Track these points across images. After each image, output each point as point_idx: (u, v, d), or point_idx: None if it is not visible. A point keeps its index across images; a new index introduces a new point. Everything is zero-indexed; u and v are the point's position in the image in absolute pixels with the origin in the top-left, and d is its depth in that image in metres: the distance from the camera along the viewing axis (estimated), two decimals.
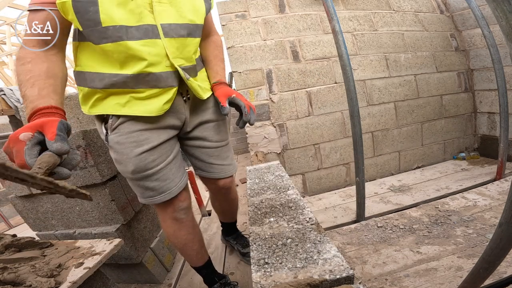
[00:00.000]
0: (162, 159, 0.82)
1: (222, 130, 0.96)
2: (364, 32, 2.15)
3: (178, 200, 0.87)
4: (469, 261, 1.10)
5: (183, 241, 0.94)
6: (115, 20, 0.67)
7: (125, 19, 0.68)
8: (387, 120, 2.21)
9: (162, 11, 0.73)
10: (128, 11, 0.68)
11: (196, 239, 0.98)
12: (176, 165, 0.87)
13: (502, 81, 1.68)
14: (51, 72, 0.66)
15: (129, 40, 0.68)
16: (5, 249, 0.82)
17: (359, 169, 1.49)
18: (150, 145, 0.79)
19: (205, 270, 1.05)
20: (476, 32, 2.18)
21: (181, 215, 0.90)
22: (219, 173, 0.98)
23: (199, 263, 1.02)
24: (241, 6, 2.01)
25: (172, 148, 0.86)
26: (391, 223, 1.50)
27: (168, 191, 0.84)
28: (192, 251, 0.98)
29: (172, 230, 0.92)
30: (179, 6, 0.75)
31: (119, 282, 1.34)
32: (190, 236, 0.95)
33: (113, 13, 0.66)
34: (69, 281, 0.69)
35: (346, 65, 1.37)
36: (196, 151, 0.94)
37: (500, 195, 1.59)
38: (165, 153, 0.83)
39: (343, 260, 0.61)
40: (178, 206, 0.88)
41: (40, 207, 1.18)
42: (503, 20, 0.50)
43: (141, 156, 0.78)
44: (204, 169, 0.98)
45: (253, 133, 2.03)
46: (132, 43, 0.69)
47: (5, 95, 2.31)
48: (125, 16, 0.68)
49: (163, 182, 0.82)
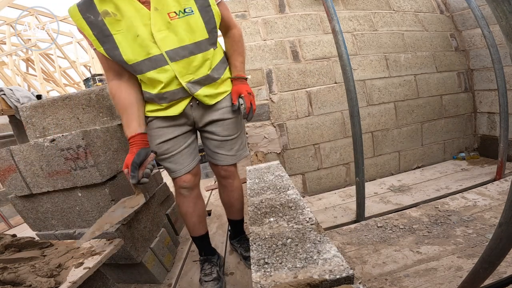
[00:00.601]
0: (174, 148, 1.05)
1: (230, 127, 1.10)
2: (364, 32, 2.15)
3: (182, 180, 1.09)
4: (469, 261, 1.10)
5: (184, 211, 1.17)
6: (136, 58, 0.86)
7: (138, 54, 0.86)
8: (387, 120, 2.21)
9: (163, 38, 0.86)
10: (138, 47, 0.85)
11: (195, 214, 1.18)
12: (187, 154, 1.08)
13: (502, 81, 1.68)
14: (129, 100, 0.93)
15: (148, 72, 0.89)
16: (5, 249, 0.82)
17: (359, 169, 1.49)
18: (165, 137, 1.03)
19: (198, 241, 1.25)
20: (476, 32, 2.18)
21: (184, 192, 1.12)
22: (221, 161, 1.15)
23: (194, 233, 1.23)
24: (241, 6, 2.01)
25: (185, 140, 1.07)
26: (391, 223, 1.50)
27: (176, 171, 1.07)
28: (190, 222, 1.19)
29: (178, 202, 1.17)
30: (177, 30, 0.87)
31: (119, 282, 1.34)
32: (190, 209, 1.16)
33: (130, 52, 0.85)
34: (69, 281, 0.69)
35: (346, 65, 1.37)
36: (206, 141, 1.15)
37: (500, 195, 1.59)
38: (177, 144, 1.05)
39: (343, 260, 0.61)
40: (181, 184, 1.10)
41: (40, 207, 1.18)
42: (503, 20, 0.50)
43: (159, 145, 1.03)
44: (211, 156, 1.17)
45: (253, 133, 2.03)
46: (150, 73, 0.89)
47: (5, 95, 2.30)
48: (138, 52, 0.86)
49: (174, 164, 1.07)
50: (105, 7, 0.81)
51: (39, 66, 5.60)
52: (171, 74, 0.90)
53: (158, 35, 0.85)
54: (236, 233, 1.40)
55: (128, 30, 0.83)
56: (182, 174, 1.08)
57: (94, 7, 0.81)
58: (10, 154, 1.08)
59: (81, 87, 6.84)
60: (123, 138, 1.30)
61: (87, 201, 1.11)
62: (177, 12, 0.86)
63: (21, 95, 2.38)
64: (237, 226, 1.38)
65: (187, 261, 1.48)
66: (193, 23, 0.88)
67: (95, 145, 1.06)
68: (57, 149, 1.03)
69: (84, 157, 1.03)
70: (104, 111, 1.25)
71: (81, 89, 4.33)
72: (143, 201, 0.91)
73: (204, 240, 1.26)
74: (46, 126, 1.25)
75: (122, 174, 1.22)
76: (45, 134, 1.25)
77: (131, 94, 0.94)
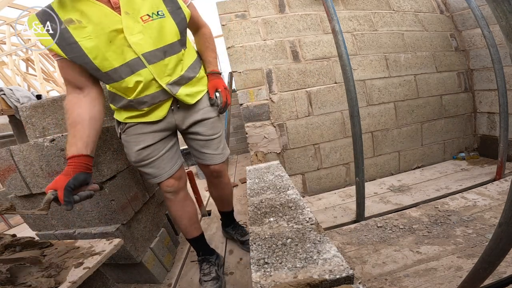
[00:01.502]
0: (155, 154, 1.05)
1: (214, 126, 1.12)
2: (364, 32, 2.15)
3: (165, 184, 1.10)
4: (468, 261, 1.10)
5: (173, 215, 1.19)
6: (111, 64, 0.84)
7: (114, 59, 0.83)
8: (387, 120, 2.21)
9: (138, 42, 0.84)
10: (113, 53, 0.83)
11: (185, 217, 1.19)
12: (167, 158, 1.09)
13: (502, 81, 1.68)
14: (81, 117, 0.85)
15: (125, 77, 0.87)
16: (4, 249, 0.82)
17: (359, 169, 1.49)
18: (144, 144, 1.02)
19: (193, 243, 1.27)
20: (476, 32, 2.18)
21: (170, 196, 1.14)
22: (210, 160, 1.17)
23: (187, 236, 1.25)
24: (241, 6, 2.01)
25: (165, 145, 1.07)
26: (391, 223, 1.50)
27: (159, 176, 1.08)
28: (182, 225, 1.21)
29: (167, 204, 1.19)
30: (151, 32, 0.86)
31: (118, 282, 1.34)
32: (179, 213, 1.18)
33: (104, 59, 0.82)
34: (68, 281, 0.69)
35: (346, 65, 1.37)
36: (191, 142, 1.15)
37: (499, 195, 1.59)
38: (158, 149, 1.05)
39: (343, 260, 0.61)
40: (165, 188, 1.11)
41: (39, 206, 1.18)
42: (503, 20, 0.50)
43: (138, 151, 1.03)
44: (198, 157, 1.18)
45: (253, 133, 2.03)
46: (128, 78, 0.87)
47: (5, 95, 2.30)
48: (113, 58, 0.83)
49: (156, 169, 1.07)
50: (68, 15, 0.79)
51: (39, 66, 5.60)
52: (148, 77, 0.89)
53: (132, 38, 0.83)
54: (228, 222, 1.53)
55: (98, 37, 0.80)
56: (164, 179, 1.09)
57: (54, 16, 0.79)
58: (10, 154, 1.08)
59: None
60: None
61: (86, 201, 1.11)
62: (150, 15, 0.86)
63: (21, 95, 2.38)
64: (229, 216, 1.51)
65: (187, 261, 1.48)
66: (166, 25, 0.89)
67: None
68: (57, 149, 1.03)
69: None
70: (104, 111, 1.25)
71: None
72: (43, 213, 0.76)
73: (199, 241, 1.27)
74: (46, 126, 1.25)
75: (122, 174, 1.22)
76: (45, 134, 1.25)
77: (85, 111, 0.86)
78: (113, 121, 1.25)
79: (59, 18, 0.79)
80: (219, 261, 1.31)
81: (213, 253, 1.30)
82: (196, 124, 1.08)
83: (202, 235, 1.29)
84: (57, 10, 0.79)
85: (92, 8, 0.80)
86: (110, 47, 0.82)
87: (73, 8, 0.80)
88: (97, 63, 0.82)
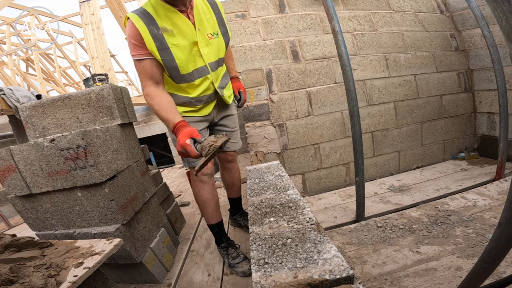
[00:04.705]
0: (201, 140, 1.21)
1: (235, 121, 1.41)
2: (364, 32, 2.15)
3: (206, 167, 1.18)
4: (468, 261, 1.10)
5: (204, 198, 1.30)
6: (189, 68, 1.08)
7: (191, 65, 1.07)
8: (386, 120, 2.21)
9: (207, 53, 1.10)
10: (190, 60, 1.07)
11: (214, 200, 1.32)
12: None
13: (502, 81, 1.68)
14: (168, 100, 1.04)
15: (195, 80, 1.12)
16: (5, 249, 0.82)
17: (359, 169, 1.49)
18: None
19: (217, 228, 1.37)
20: (476, 32, 2.18)
21: (206, 178, 1.27)
22: (230, 147, 1.40)
23: (213, 220, 1.34)
24: (241, 6, 2.01)
25: (204, 134, 1.28)
26: (391, 223, 1.50)
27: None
28: (210, 208, 1.32)
29: (198, 189, 1.30)
30: (212, 47, 1.12)
31: (118, 282, 1.34)
32: (210, 196, 1.30)
33: (185, 64, 1.06)
34: (68, 281, 0.69)
35: (346, 65, 1.37)
36: (218, 133, 1.30)
37: (499, 195, 1.59)
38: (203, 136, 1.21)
39: (343, 260, 0.61)
40: (205, 171, 1.24)
41: (39, 207, 1.17)
42: (503, 20, 0.50)
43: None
44: None
45: (253, 133, 2.03)
46: (197, 81, 1.12)
47: (4, 95, 2.30)
48: (191, 63, 1.07)
49: None
50: (164, 23, 0.98)
51: (39, 66, 5.59)
52: (210, 81, 1.16)
53: (203, 50, 1.08)
54: (237, 210, 1.68)
55: (184, 45, 1.03)
56: None
57: (154, 21, 0.97)
58: (10, 154, 1.08)
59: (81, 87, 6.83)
60: (123, 138, 1.30)
61: (86, 201, 1.11)
62: (212, 34, 1.11)
63: (20, 95, 2.38)
64: (237, 203, 1.66)
65: (187, 261, 1.48)
66: (220, 43, 1.15)
67: (94, 145, 1.06)
68: (56, 149, 1.03)
69: (84, 157, 1.03)
70: (104, 111, 1.25)
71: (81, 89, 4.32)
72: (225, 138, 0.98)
73: (222, 226, 1.39)
74: (46, 126, 1.25)
75: (122, 174, 1.22)
76: (45, 134, 1.25)
77: (168, 97, 1.07)
78: (113, 121, 1.27)
79: (157, 25, 0.97)
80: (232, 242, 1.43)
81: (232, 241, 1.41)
82: (225, 118, 1.35)
83: (223, 221, 1.41)
84: (154, 16, 0.97)
85: (180, 21, 1.01)
86: (189, 55, 1.05)
87: (166, 17, 0.99)
88: (180, 67, 1.05)
